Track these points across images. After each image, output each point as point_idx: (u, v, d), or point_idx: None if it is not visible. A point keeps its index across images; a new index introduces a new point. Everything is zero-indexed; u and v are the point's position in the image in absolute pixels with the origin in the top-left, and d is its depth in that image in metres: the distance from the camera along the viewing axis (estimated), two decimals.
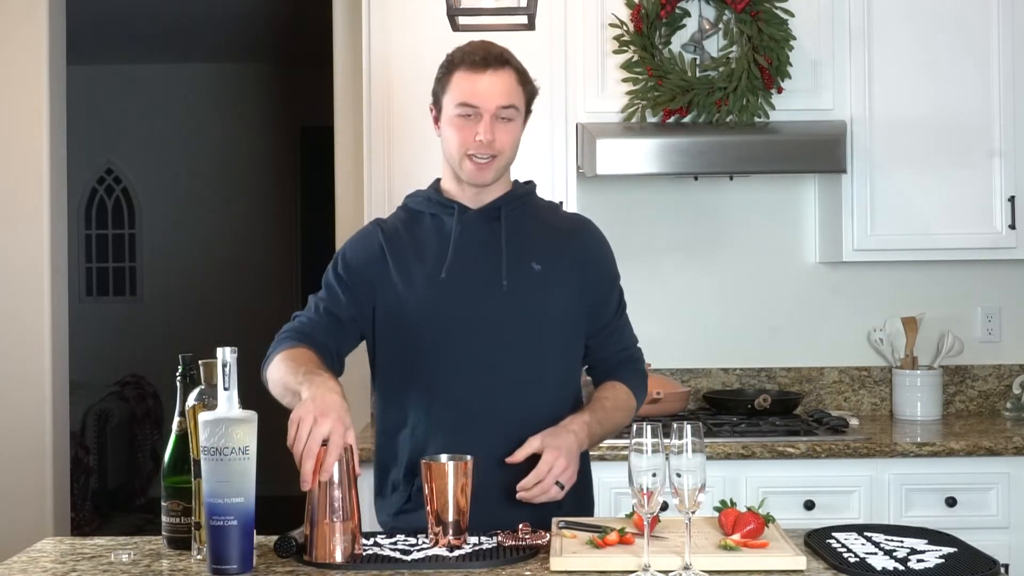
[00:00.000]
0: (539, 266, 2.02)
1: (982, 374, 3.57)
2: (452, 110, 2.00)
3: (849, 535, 1.81)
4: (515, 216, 2.07)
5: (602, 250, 2.14)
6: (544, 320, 2.02)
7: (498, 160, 2.00)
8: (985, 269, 3.56)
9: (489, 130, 1.96)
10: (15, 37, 3.76)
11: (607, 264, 2.14)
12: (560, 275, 2.04)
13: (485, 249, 2.02)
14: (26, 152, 3.76)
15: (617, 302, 2.15)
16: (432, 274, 2.01)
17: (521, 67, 2.03)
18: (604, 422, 2.01)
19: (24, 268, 3.76)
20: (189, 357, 1.85)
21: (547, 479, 1.85)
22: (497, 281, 1.99)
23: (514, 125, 2.01)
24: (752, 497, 2.86)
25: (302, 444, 1.65)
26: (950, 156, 3.25)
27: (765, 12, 3.17)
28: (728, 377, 3.57)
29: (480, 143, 1.97)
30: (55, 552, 1.82)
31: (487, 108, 1.96)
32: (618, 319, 2.14)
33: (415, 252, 2.04)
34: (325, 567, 1.67)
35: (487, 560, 1.69)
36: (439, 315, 2.00)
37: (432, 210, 2.08)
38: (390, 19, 3.22)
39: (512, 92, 1.99)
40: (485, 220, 2.05)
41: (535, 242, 2.05)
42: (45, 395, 3.76)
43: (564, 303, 2.04)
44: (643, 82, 3.19)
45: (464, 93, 1.97)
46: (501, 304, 1.99)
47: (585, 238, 2.12)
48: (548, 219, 2.12)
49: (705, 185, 3.57)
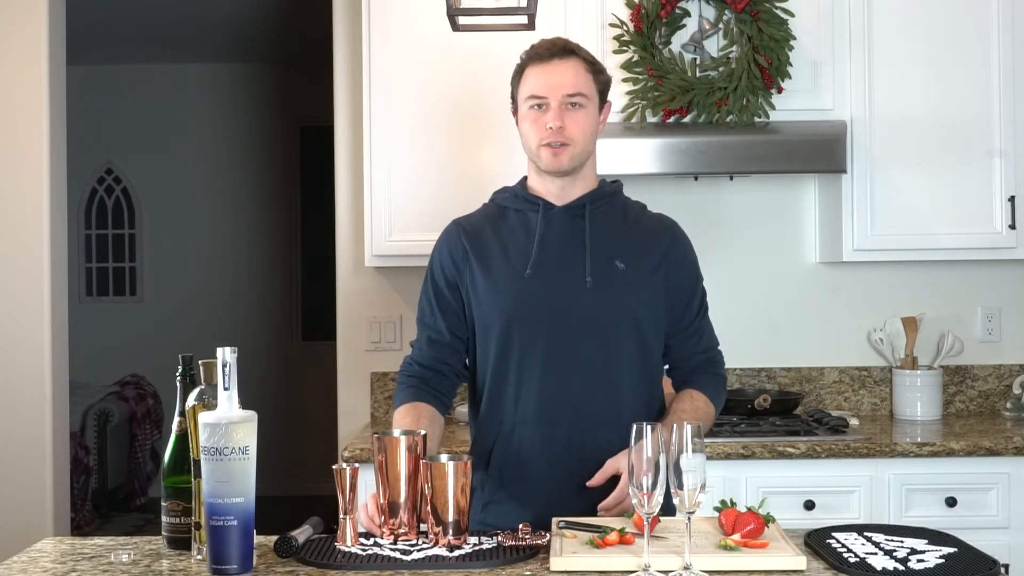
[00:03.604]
0: (623, 264, 2.04)
1: (982, 374, 3.57)
2: (525, 104, 2.05)
3: (849, 535, 1.81)
4: (600, 214, 2.09)
5: (686, 251, 2.15)
6: (627, 318, 2.04)
7: (572, 148, 2.03)
8: (985, 269, 3.56)
9: (557, 117, 2.00)
10: (15, 37, 3.76)
11: (691, 266, 2.15)
12: (644, 274, 2.06)
13: (570, 246, 2.05)
14: (26, 152, 3.76)
15: (699, 304, 2.16)
16: (518, 271, 2.04)
17: (590, 57, 2.07)
18: None
19: (24, 268, 3.76)
20: (189, 357, 1.85)
21: (626, 501, 1.89)
22: (581, 278, 2.02)
23: (585, 113, 2.03)
24: (752, 497, 2.87)
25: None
26: (950, 156, 3.25)
27: (765, 12, 3.17)
28: (728, 377, 3.57)
29: (550, 131, 2.01)
30: (55, 552, 1.82)
31: (555, 97, 2.01)
32: (700, 320, 2.15)
33: (500, 249, 2.07)
34: (325, 567, 1.67)
35: (487, 560, 1.69)
36: (524, 312, 2.03)
37: (518, 206, 2.11)
38: (390, 19, 3.22)
39: (579, 81, 2.02)
40: (570, 217, 2.07)
41: (620, 240, 2.07)
42: (45, 395, 3.76)
43: (647, 302, 2.06)
44: (643, 82, 3.19)
45: (532, 85, 2.03)
46: (585, 301, 2.02)
47: (670, 239, 2.13)
48: (634, 218, 2.13)
49: (705, 185, 3.57)
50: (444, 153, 3.24)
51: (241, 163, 7.20)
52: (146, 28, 6.21)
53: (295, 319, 7.18)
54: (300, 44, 6.46)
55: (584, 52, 2.07)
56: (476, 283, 2.08)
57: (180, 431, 1.83)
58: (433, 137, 3.24)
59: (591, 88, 2.05)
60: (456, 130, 3.24)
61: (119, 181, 7.25)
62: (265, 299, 7.16)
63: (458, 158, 3.25)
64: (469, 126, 3.24)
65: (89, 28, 5.73)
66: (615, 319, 2.03)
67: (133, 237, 7.25)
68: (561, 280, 2.03)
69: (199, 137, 7.19)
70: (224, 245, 7.18)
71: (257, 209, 7.21)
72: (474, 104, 3.23)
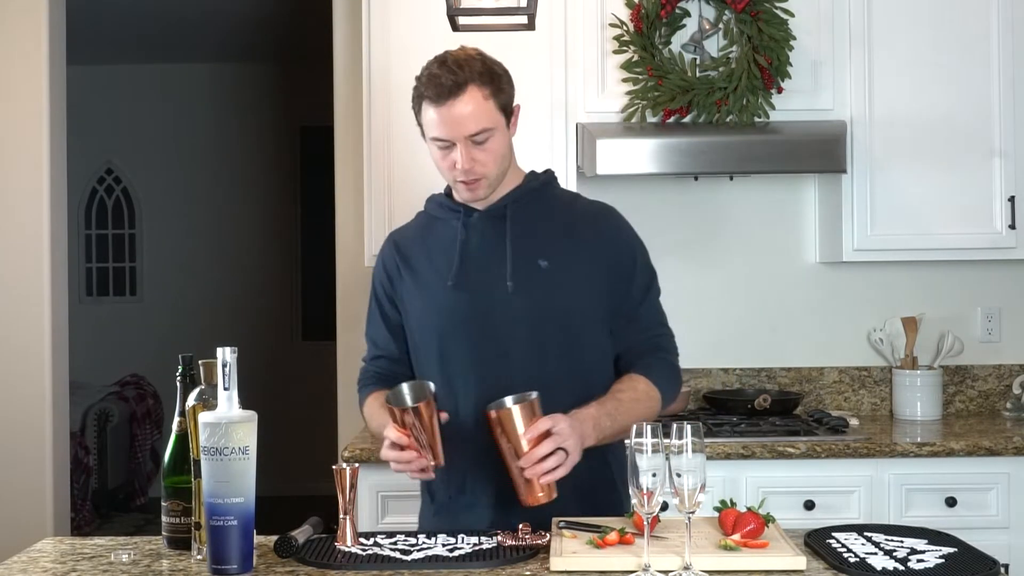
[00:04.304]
0: (546, 263, 2.00)
1: (982, 374, 3.57)
2: (430, 141, 2.00)
3: (849, 535, 1.81)
4: (523, 213, 2.04)
5: (619, 235, 2.08)
6: (552, 317, 1.99)
7: (486, 179, 1.99)
8: (985, 269, 3.56)
9: (466, 159, 1.95)
10: (15, 37, 3.76)
11: (625, 249, 2.07)
12: (571, 269, 2.01)
13: (492, 251, 2.01)
14: (26, 152, 3.76)
15: (643, 289, 2.07)
16: (443, 282, 2.02)
17: (487, 75, 1.95)
18: (616, 414, 1.93)
19: (24, 268, 3.76)
20: (189, 357, 1.85)
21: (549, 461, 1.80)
22: (502, 283, 1.99)
23: (493, 142, 1.97)
24: (752, 497, 2.87)
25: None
26: (950, 156, 3.25)
27: (765, 12, 3.17)
28: (728, 377, 3.57)
29: (460, 171, 1.97)
30: (55, 552, 1.82)
31: (458, 138, 1.94)
32: (642, 306, 2.06)
33: (428, 260, 2.06)
34: (325, 567, 1.67)
35: (487, 560, 1.69)
36: (451, 323, 2.01)
37: (442, 215, 2.09)
38: (390, 19, 3.22)
39: (479, 115, 1.93)
40: (491, 221, 2.04)
41: (545, 236, 2.03)
42: (45, 395, 3.76)
43: (575, 298, 2.00)
44: (643, 82, 3.19)
45: (433, 127, 1.96)
46: (507, 306, 1.98)
47: (600, 226, 2.07)
48: (562, 211, 2.08)
49: (705, 185, 3.57)
50: None
51: (241, 163, 7.20)
52: (146, 28, 6.21)
53: (295, 319, 7.18)
54: (300, 44, 6.46)
55: (478, 72, 1.93)
56: (408, 297, 2.07)
57: (180, 431, 1.83)
58: None
59: (493, 114, 1.95)
60: None
61: (119, 181, 7.25)
62: (265, 299, 7.16)
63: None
64: None
65: (89, 28, 5.73)
66: (540, 320, 1.98)
67: (133, 237, 7.26)
68: (483, 287, 1.99)
69: (199, 137, 7.19)
70: (224, 245, 7.18)
71: (257, 209, 7.21)
72: None
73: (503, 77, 1.99)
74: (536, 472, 1.78)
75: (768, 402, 3.28)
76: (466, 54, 1.97)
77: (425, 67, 1.98)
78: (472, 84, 1.93)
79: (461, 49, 2.00)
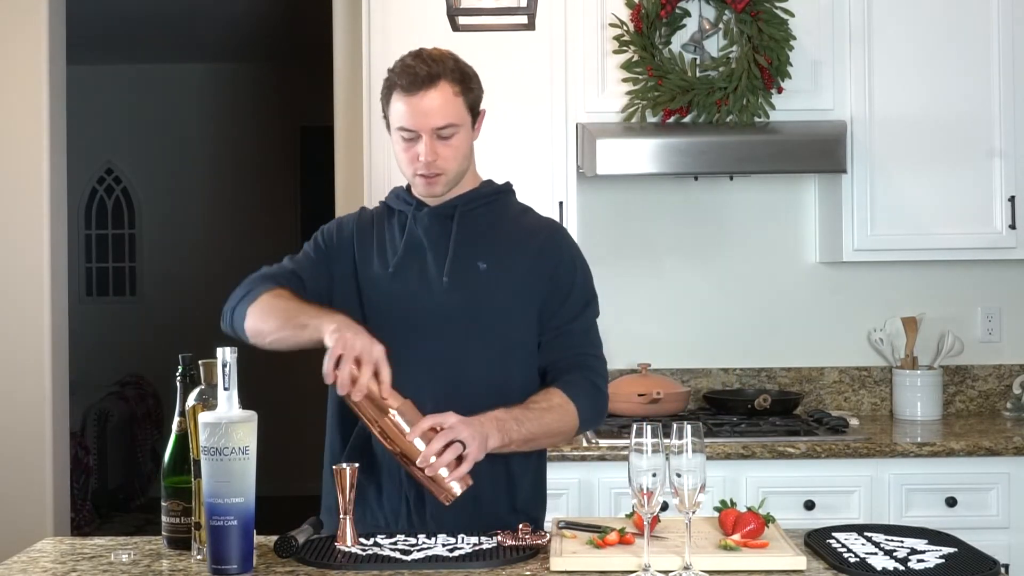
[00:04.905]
0: (485, 265, 2.02)
1: (982, 374, 3.57)
2: (395, 132, 2.02)
3: (849, 535, 1.81)
4: (471, 216, 2.07)
5: (561, 252, 2.08)
6: (483, 319, 2.00)
7: (445, 175, 2.01)
8: (985, 269, 3.56)
9: (429, 151, 1.97)
10: (15, 37, 3.76)
11: (566, 265, 2.07)
12: (508, 275, 2.02)
13: (434, 247, 2.04)
14: (26, 152, 3.76)
15: (577, 309, 2.06)
16: (384, 268, 2.04)
17: (459, 73, 1.99)
18: (523, 419, 1.89)
19: (24, 268, 3.76)
20: (189, 357, 1.85)
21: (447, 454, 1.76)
22: (439, 278, 2.01)
23: (457, 139, 1.99)
24: (752, 497, 2.86)
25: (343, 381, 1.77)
26: (950, 156, 3.25)
27: (765, 12, 3.17)
28: (728, 377, 3.57)
29: (423, 163, 1.98)
30: (55, 552, 1.82)
31: (424, 129, 1.96)
32: (573, 324, 2.05)
33: (378, 247, 2.08)
34: (325, 567, 1.67)
35: (487, 560, 1.69)
36: (383, 309, 2.03)
37: (399, 207, 2.11)
38: (390, 19, 3.22)
39: (448, 110, 1.96)
40: (440, 219, 2.06)
41: (489, 242, 2.05)
42: (45, 395, 3.76)
43: (508, 303, 2.02)
44: (643, 82, 3.19)
45: (401, 117, 1.98)
46: (440, 301, 2.00)
47: (544, 241, 2.07)
48: (512, 219, 2.10)
49: (705, 185, 3.57)
50: None
51: (241, 163, 7.20)
52: (146, 28, 6.21)
53: None
54: (300, 44, 6.45)
55: (450, 68, 1.98)
56: (351, 275, 2.07)
57: (180, 431, 1.83)
58: None
59: (461, 112, 1.99)
60: None
61: (119, 181, 7.25)
62: None
63: None
64: None
65: (89, 28, 5.73)
66: (468, 319, 2.00)
67: (133, 237, 7.25)
68: (420, 279, 2.02)
69: (199, 137, 7.19)
70: (224, 245, 7.18)
71: (257, 209, 7.20)
72: None
73: (473, 78, 2.04)
74: (435, 468, 1.75)
75: (768, 402, 3.28)
76: (440, 52, 2.02)
77: (399, 59, 2.02)
78: (444, 79, 1.97)
79: (435, 48, 2.04)
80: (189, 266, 7.17)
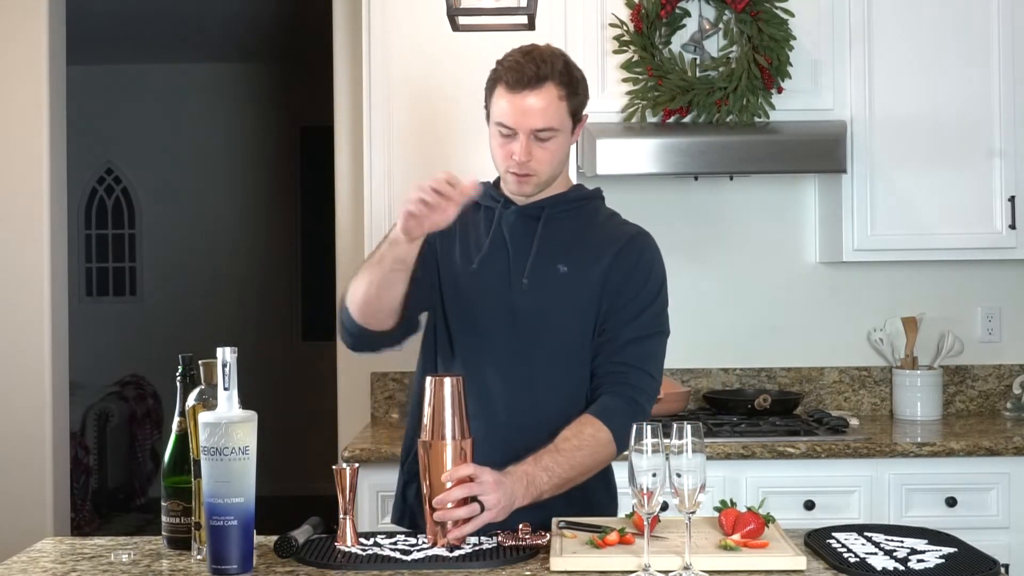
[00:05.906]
0: (565, 268, 2.01)
1: (982, 374, 3.57)
2: (493, 125, 2.01)
3: (849, 535, 1.81)
4: (557, 218, 2.06)
5: (639, 259, 2.05)
6: (559, 321, 2.01)
7: (537, 177, 2.00)
8: (985, 269, 3.56)
9: (525, 152, 1.96)
10: (15, 37, 3.76)
11: (635, 273, 2.04)
12: (587, 280, 2.02)
13: (518, 247, 2.04)
14: (26, 152, 3.76)
15: (634, 313, 2.01)
16: (467, 264, 2.05)
17: (566, 77, 1.96)
18: (556, 467, 1.86)
19: (24, 268, 3.76)
20: (189, 357, 1.85)
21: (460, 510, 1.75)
22: (519, 278, 2.01)
23: (554, 143, 1.98)
24: (752, 497, 2.87)
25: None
26: (950, 156, 3.25)
27: (765, 12, 3.17)
28: (728, 377, 3.57)
29: (515, 163, 1.97)
30: (55, 552, 1.82)
31: (523, 129, 1.95)
32: (626, 328, 2.00)
33: (462, 240, 2.08)
34: (325, 567, 1.67)
35: (487, 560, 1.69)
36: (463, 304, 2.04)
37: (486, 202, 2.10)
38: (390, 19, 3.22)
39: (550, 114, 1.94)
40: (526, 219, 2.06)
41: (571, 245, 2.04)
42: (45, 395, 3.76)
43: (582, 308, 2.01)
44: (643, 82, 3.19)
45: (501, 113, 1.97)
46: (519, 301, 2.00)
47: (625, 244, 2.05)
48: (596, 227, 2.08)
49: (705, 185, 3.57)
50: (444, 153, 3.24)
51: (241, 163, 7.20)
52: (146, 28, 6.21)
53: (295, 319, 7.18)
54: (300, 44, 6.45)
55: (559, 71, 1.95)
56: (433, 266, 2.07)
57: (180, 431, 1.83)
58: (433, 137, 3.24)
59: (562, 117, 1.96)
60: (456, 130, 3.24)
61: (119, 181, 7.25)
62: (265, 299, 7.16)
63: (458, 158, 3.24)
64: (469, 126, 3.24)
65: (89, 28, 5.73)
66: (547, 321, 2.00)
67: (133, 237, 7.25)
68: (501, 278, 2.02)
69: (199, 137, 7.19)
70: (224, 245, 7.18)
71: (257, 209, 7.20)
72: (474, 104, 3.19)
73: (580, 83, 2.01)
74: (442, 516, 1.75)
75: (768, 402, 3.28)
76: (551, 51, 2.00)
77: (509, 53, 2.00)
78: (551, 81, 1.95)
79: (547, 46, 2.02)
80: (189, 266, 7.17)
